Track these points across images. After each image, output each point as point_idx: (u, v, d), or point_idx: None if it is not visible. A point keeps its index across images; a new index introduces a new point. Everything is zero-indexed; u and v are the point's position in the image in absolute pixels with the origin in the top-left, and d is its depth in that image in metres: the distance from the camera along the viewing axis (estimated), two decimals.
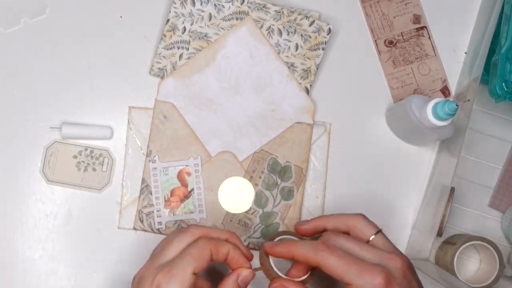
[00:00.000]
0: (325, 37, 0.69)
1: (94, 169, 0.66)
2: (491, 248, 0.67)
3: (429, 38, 0.73)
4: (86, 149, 0.66)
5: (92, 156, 0.66)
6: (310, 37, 0.69)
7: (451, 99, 0.72)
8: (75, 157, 0.66)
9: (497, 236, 0.71)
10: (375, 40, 0.73)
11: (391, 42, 0.73)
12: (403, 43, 0.73)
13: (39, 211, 0.65)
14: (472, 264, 0.70)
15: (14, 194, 0.65)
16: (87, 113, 0.67)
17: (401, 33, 0.73)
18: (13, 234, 0.65)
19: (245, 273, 0.57)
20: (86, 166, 0.66)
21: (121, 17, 0.69)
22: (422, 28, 0.73)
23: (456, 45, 0.73)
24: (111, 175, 0.67)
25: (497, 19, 0.67)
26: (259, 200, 0.67)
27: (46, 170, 0.66)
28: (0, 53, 0.67)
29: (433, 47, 0.73)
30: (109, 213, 0.66)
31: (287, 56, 0.69)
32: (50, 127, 0.66)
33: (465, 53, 0.73)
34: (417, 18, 0.73)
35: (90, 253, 0.65)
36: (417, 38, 0.73)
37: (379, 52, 0.72)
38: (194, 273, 0.53)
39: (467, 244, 0.66)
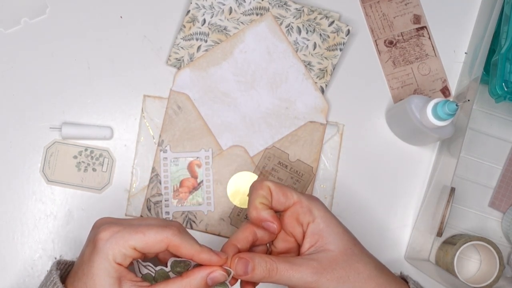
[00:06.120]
0: (344, 38, 0.69)
1: (94, 169, 0.66)
2: (491, 248, 0.67)
3: (429, 38, 0.73)
4: (86, 149, 0.66)
5: (92, 157, 0.66)
6: (328, 37, 0.69)
7: (451, 99, 0.72)
8: (75, 157, 0.66)
9: (497, 236, 0.71)
10: (375, 40, 0.73)
11: (391, 42, 0.73)
12: (403, 43, 0.73)
13: (39, 211, 0.65)
14: (472, 264, 0.70)
15: (14, 194, 0.65)
16: (87, 113, 0.67)
17: (401, 33, 0.73)
18: (13, 234, 0.65)
19: (217, 274, 0.51)
20: (86, 166, 0.66)
21: (121, 17, 0.69)
22: (422, 28, 0.73)
23: (456, 45, 0.73)
24: (111, 176, 0.66)
25: (497, 19, 0.67)
26: None
27: (46, 170, 0.66)
28: (0, 53, 0.67)
29: (433, 47, 0.73)
30: (110, 213, 0.66)
31: (304, 55, 0.69)
32: (50, 127, 0.66)
33: (465, 53, 0.73)
34: (417, 18, 0.73)
35: None
36: (417, 38, 0.73)
37: (379, 52, 0.72)
38: (135, 249, 0.49)
39: (467, 244, 0.66)
